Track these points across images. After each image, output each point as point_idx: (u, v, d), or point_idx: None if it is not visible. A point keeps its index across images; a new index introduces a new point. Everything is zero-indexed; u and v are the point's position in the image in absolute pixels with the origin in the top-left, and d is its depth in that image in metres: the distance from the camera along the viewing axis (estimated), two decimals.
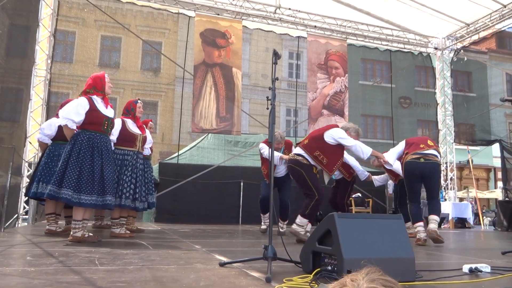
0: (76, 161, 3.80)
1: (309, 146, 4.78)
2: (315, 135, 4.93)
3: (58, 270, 2.31)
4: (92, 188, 3.81)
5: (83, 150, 3.85)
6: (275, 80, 2.76)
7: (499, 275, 2.47)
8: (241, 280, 2.15)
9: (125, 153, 4.77)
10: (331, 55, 10.01)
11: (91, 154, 3.87)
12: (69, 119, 3.85)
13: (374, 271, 0.97)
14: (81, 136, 3.90)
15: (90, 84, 4.07)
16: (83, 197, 3.76)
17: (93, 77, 4.15)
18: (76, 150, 3.83)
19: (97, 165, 3.88)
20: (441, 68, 11.22)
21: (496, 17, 9.46)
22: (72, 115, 3.86)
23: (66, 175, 3.76)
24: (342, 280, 0.98)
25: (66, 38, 13.19)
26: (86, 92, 4.03)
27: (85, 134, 3.91)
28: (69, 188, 3.72)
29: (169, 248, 3.64)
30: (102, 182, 3.88)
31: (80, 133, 3.92)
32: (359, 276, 0.96)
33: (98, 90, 4.07)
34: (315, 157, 4.71)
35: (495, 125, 10.91)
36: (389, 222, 2.38)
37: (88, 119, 3.91)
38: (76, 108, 3.89)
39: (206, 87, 8.92)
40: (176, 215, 8.73)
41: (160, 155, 12.59)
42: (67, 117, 3.85)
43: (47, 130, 4.92)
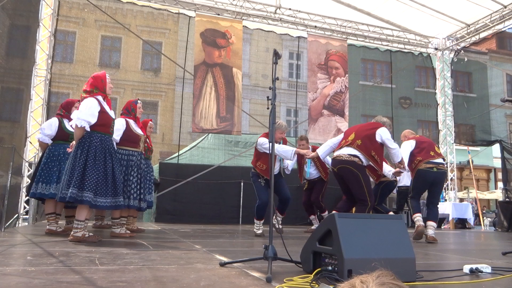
0: (94, 164, 3.83)
1: (364, 146, 4.59)
2: (366, 134, 4.69)
3: (59, 269, 2.31)
4: (106, 191, 3.86)
5: (98, 153, 3.89)
6: (276, 80, 2.76)
7: (500, 275, 2.47)
8: (241, 280, 2.15)
9: (130, 154, 4.79)
10: (331, 55, 10.01)
11: (104, 156, 3.92)
12: (86, 121, 3.86)
13: (386, 275, 0.96)
14: (94, 138, 3.91)
15: (92, 84, 4.05)
16: (99, 200, 3.82)
17: (94, 76, 4.13)
18: (92, 153, 3.86)
19: (109, 168, 3.94)
20: (442, 69, 11.22)
21: (497, 17, 9.47)
22: (89, 117, 3.87)
23: (86, 178, 3.78)
24: (352, 281, 0.97)
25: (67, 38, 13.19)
26: (90, 91, 4.01)
27: (97, 136, 3.94)
28: (91, 191, 3.76)
29: (170, 248, 3.64)
30: (114, 184, 3.93)
31: (92, 135, 3.92)
32: (370, 278, 0.95)
33: (99, 91, 4.06)
34: (372, 157, 4.57)
35: (496, 125, 10.91)
36: (390, 222, 2.38)
37: (99, 121, 3.94)
38: (91, 109, 3.90)
39: (206, 87, 8.92)
40: (177, 215, 8.73)
41: (161, 155, 12.59)
42: (85, 119, 3.85)
43: (47, 130, 4.90)
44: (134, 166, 4.79)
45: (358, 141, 4.63)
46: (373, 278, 0.95)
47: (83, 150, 3.85)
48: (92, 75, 4.19)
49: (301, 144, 6.75)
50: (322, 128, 9.70)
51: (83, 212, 3.86)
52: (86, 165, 3.80)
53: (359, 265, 2.08)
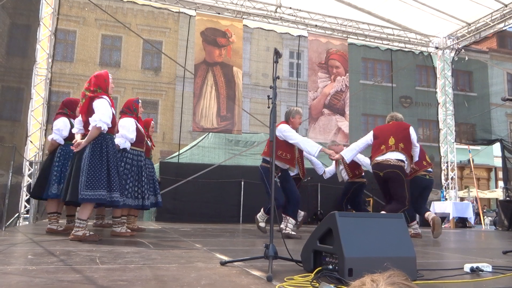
0: (114, 166, 3.92)
1: (406, 148, 4.93)
2: (404, 135, 5.01)
3: (59, 268, 2.31)
4: (122, 190, 4.01)
5: (114, 153, 3.98)
6: (276, 79, 2.76)
7: (501, 274, 2.47)
8: (242, 279, 2.15)
9: (139, 154, 4.83)
10: (332, 54, 10.00)
11: (114, 158, 3.99)
12: (106, 124, 3.89)
13: (398, 275, 0.96)
14: (108, 140, 3.97)
15: (95, 83, 4.04)
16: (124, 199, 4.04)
17: (97, 75, 4.10)
18: (110, 155, 3.91)
19: (116, 168, 4.04)
20: (442, 68, 11.21)
21: (497, 16, 9.45)
22: (108, 119, 3.90)
23: (111, 179, 3.83)
24: (362, 279, 0.98)
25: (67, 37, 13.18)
26: (93, 91, 4.00)
27: (111, 138, 4.02)
28: (117, 191, 3.85)
29: (170, 247, 3.65)
30: (109, 179, 3.93)
31: (107, 137, 3.96)
32: (381, 277, 0.95)
33: (102, 90, 4.05)
34: (410, 157, 4.97)
35: (496, 124, 10.90)
36: (391, 221, 2.38)
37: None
38: (110, 111, 3.94)
39: (206, 86, 8.92)
40: (177, 214, 8.73)
41: (161, 154, 12.59)
42: (106, 122, 3.88)
43: (65, 132, 4.86)
44: (143, 166, 4.86)
45: (401, 145, 4.93)
46: (384, 277, 0.95)
47: (101, 151, 3.86)
48: (94, 74, 4.16)
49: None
50: (322, 127, 9.70)
51: (86, 211, 3.86)
52: (109, 167, 3.86)
53: (359, 264, 2.08)
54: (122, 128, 4.52)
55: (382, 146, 5.00)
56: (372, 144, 5.28)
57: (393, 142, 4.96)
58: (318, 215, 9.44)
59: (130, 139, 4.56)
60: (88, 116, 3.90)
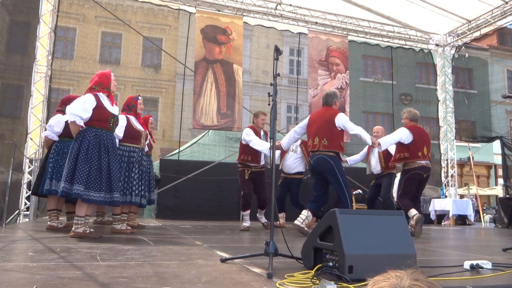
0: (85, 158, 3.81)
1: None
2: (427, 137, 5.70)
3: (60, 265, 2.31)
4: (100, 185, 3.83)
5: (91, 147, 3.86)
6: (277, 76, 2.75)
7: (500, 271, 2.47)
8: (242, 276, 2.15)
9: (131, 150, 4.79)
10: (332, 51, 9.99)
11: (98, 151, 3.88)
12: (77, 116, 3.85)
13: (420, 273, 0.98)
14: (88, 133, 3.90)
15: (96, 81, 4.06)
16: (91, 194, 3.78)
17: (99, 74, 4.14)
18: (84, 147, 3.84)
19: (104, 163, 3.90)
20: (442, 65, 11.19)
21: (498, 13, 9.43)
22: (80, 111, 3.86)
23: (76, 171, 3.77)
24: (386, 274, 0.99)
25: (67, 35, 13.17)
26: (92, 88, 4.03)
27: (91, 131, 3.91)
28: (81, 184, 3.74)
29: (171, 244, 3.65)
30: (109, 180, 3.90)
31: (87, 130, 3.91)
32: (404, 273, 0.97)
33: (104, 88, 4.07)
34: None
35: (496, 122, 10.89)
36: (391, 218, 2.38)
37: (94, 116, 3.92)
38: (83, 104, 3.89)
39: (207, 84, 8.91)
40: (177, 212, 8.74)
41: (161, 151, 12.59)
42: (76, 114, 3.85)
43: (56, 128, 4.89)
44: (136, 163, 4.81)
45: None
46: (408, 273, 0.97)
47: (76, 145, 3.86)
48: (97, 72, 4.19)
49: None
50: None
51: (82, 208, 3.86)
52: (77, 159, 3.80)
53: (360, 261, 2.08)
54: None
55: (419, 152, 5.44)
56: (407, 145, 5.44)
57: (426, 150, 5.51)
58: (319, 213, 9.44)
59: (115, 135, 4.42)
60: None
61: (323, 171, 4.80)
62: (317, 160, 4.79)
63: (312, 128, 4.92)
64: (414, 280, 0.93)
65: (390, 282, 0.94)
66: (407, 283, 0.92)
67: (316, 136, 4.81)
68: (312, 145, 4.87)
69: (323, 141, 4.76)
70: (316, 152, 4.83)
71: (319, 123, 4.86)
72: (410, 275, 0.96)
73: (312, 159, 4.88)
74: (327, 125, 4.78)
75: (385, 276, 0.97)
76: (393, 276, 0.96)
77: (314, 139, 4.84)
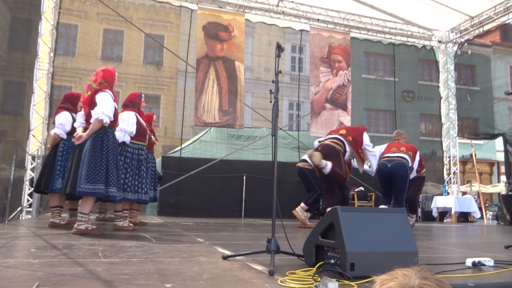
0: (114, 160, 3.92)
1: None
2: None
3: (62, 262, 2.32)
4: (118, 183, 3.97)
5: (111, 149, 3.95)
6: (279, 73, 2.74)
7: (502, 269, 2.47)
8: (244, 273, 2.15)
9: (140, 148, 4.83)
10: (334, 48, 9.96)
11: (114, 153, 3.98)
12: (109, 117, 3.89)
13: (427, 271, 0.96)
14: (110, 134, 3.97)
15: (103, 77, 4.06)
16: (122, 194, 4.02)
17: (105, 70, 4.13)
18: (111, 149, 3.92)
19: (116, 163, 4.03)
20: (445, 62, 11.15)
21: (501, 9, 9.38)
22: (110, 112, 3.91)
23: (109, 173, 3.84)
24: (393, 273, 0.97)
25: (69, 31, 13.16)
26: (100, 83, 4.02)
27: (112, 132, 4.01)
28: (114, 186, 3.85)
29: (172, 241, 3.66)
30: (107, 174, 3.93)
31: (108, 130, 3.96)
32: (412, 271, 0.95)
33: (108, 85, 4.08)
34: None
35: (499, 118, 10.85)
36: (392, 215, 2.38)
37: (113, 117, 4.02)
38: (112, 104, 3.96)
39: (208, 81, 8.90)
40: (179, 209, 8.76)
41: (163, 148, 12.60)
42: (108, 115, 3.89)
43: (67, 126, 4.88)
44: (144, 161, 4.85)
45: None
46: (415, 271, 0.95)
47: (103, 145, 3.87)
48: (102, 68, 4.18)
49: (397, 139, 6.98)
50: (324, 121, 9.68)
51: (88, 205, 3.87)
52: (108, 161, 3.86)
53: (361, 259, 2.08)
54: (122, 122, 4.53)
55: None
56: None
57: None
58: (321, 209, 9.45)
59: (129, 132, 4.56)
60: (91, 108, 3.91)
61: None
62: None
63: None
64: (423, 278, 0.92)
65: (398, 281, 0.93)
66: (416, 282, 0.91)
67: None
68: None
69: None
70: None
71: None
72: (418, 273, 0.94)
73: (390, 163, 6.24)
74: None
75: (392, 275, 0.95)
76: (401, 275, 0.94)
77: None
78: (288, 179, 9.50)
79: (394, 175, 6.15)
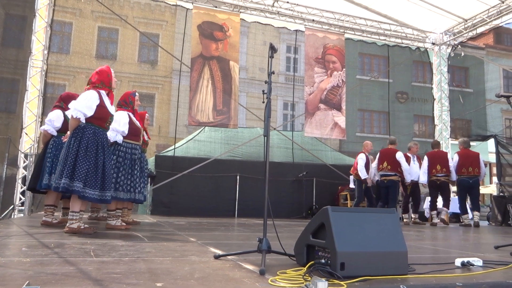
0: (85, 155, 3.82)
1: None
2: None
3: (53, 261, 2.32)
4: (96, 183, 3.84)
5: (90, 145, 3.87)
6: (272, 74, 2.76)
7: (491, 268, 2.50)
8: (235, 273, 2.17)
9: (133, 147, 4.81)
10: (328, 49, 9.99)
11: (96, 149, 3.90)
12: (82, 113, 3.85)
13: None
14: (88, 130, 3.90)
15: (98, 79, 4.05)
16: (88, 191, 3.79)
17: (100, 71, 4.11)
18: (84, 144, 3.85)
19: (100, 161, 3.92)
20: (438, 64, 11.23)
21: (494, 12, 9.47)
22: (85, 109, 3.86)
23: (77, 168, 3.78)
24: None
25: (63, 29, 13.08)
26: (95, 86, 4.01)
27: (90, 128, 3.92)
28: (80, 181, 3.76)
29: (165, 241, 3.66)
30: (103, 178, 3.91)
31: (86, 127, 3.91)
32: None
33: (105, 85, 4.06)
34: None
35: (491, 120, 10.94)
36: (383, 216, 2.40)
37: (95, 114, 3.92)
38: (89, 102, 3.89)
39: (203, 80, 8.89)
40: (172, 208, 8.75)
41: (157, 147, 12.57)
42: (81, 110, 3.85)
43: (57, 122, 4.90)
44: (137, 160, 4.84)
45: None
46: None
47: (75, 141, 3.85)
48: (97, 69, 4.17)
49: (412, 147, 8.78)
50: (319, 122, 9.71)
51: (77, 203, 3.86)
52: (77, 156, 3.80)
53: (351, 258, 2.10)
54: (114, 122, 4.50)
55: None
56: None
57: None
58: (314, 209, 9.49)
59: (121, 132, 4.53)
60: None
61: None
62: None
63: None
64: None
65: None
66: None
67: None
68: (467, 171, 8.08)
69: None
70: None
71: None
72: None
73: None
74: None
75: None
76: None
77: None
78: (282, 179, 9.53)
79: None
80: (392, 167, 8.04)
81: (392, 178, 8.07)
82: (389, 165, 8.04)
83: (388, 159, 8.08)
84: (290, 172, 9.83)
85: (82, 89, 4.19)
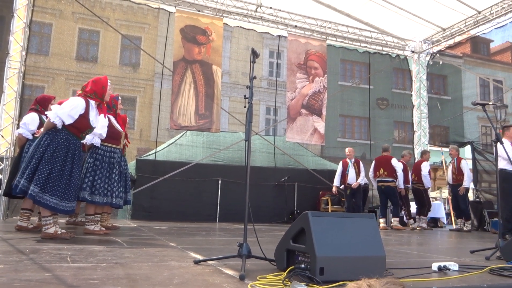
0: (50, 159, 3.70)
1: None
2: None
3: (28, 267, 2.26)
4: (56, 191, 3.69)
5: (59, 150, 3.76)
6: (253, 79, 2.77)
7: (466, 273, 2.56)
8: (215, 278, 2.16)
9: (112, 151, 4.74)
10: (310, 55, 10.08)
11: (64, 156, 3.78)
12: (61, 120, 3.76)
13: (395, 283, 0.96)
14: (60, 135, 3.80)
15: (91, 88, 3.97)
16: (44, 197, 3.65)
17: (96, 81, 4.04)
18: (52, 147, 3.74)
19: (67, 169, 3.78)
20: (418, 71, 11.46)
21: (471, 22, 9.73)
22: (65, 116, 3.76)
23: (38, 171, 3.67)
24: (358, 282, 0.97)
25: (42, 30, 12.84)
26: (87, 95, 3.93)
27: (63, 133, 3.82)
28: (37, 185, 3.63)
29: (144, 246, 3.62)
30: (67, 187, 3.76)
31: (60, 131, 3.81)
32: (377, 283, 0.95)
33: (97, 97, 4.00)
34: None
35: (468, 127, 11.22)
36: (362, 221, 2.43)
37: (75, 123, 3.82)
38: (73, 110, 3.79)
39: (185, 84, 8.85)
40: (153, 213, 8.65)
41: (138, 151, 12.42)
42: (60, 117, 3.75)
43: (31, 126, 4.79)
44: (116, 164, 4.76)
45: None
46: (381, 283, 0.95)
47: (45, 141, 3.76)
48: (93, 78, 4.09)
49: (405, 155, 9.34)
50: (299, 127, 9.77)
51: None
52: (42, 158, 3.70)
53: (331, 263, 2.12)
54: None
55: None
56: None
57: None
58: (295, 214, 9.52)
59: (98, 134, 4.41)
60: None
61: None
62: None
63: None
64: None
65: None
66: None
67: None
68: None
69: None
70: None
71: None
72: (383, 285, 0.94)
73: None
74: None
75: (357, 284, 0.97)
76: (365, 285, 0.95)
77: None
78: (264, 183, 9.54)
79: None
80: (389, 173, 8.38)
81: (389, 184, 8.29)
82: (386, 171, 8.39)
83: (384, 166, 8.44)
84: (272, 177, 9.85)
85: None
